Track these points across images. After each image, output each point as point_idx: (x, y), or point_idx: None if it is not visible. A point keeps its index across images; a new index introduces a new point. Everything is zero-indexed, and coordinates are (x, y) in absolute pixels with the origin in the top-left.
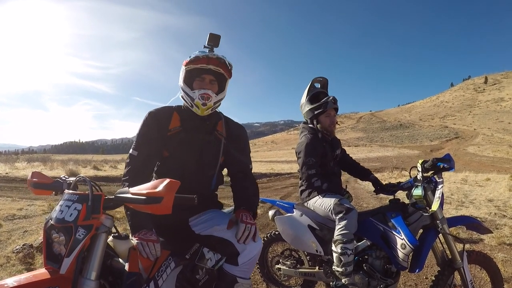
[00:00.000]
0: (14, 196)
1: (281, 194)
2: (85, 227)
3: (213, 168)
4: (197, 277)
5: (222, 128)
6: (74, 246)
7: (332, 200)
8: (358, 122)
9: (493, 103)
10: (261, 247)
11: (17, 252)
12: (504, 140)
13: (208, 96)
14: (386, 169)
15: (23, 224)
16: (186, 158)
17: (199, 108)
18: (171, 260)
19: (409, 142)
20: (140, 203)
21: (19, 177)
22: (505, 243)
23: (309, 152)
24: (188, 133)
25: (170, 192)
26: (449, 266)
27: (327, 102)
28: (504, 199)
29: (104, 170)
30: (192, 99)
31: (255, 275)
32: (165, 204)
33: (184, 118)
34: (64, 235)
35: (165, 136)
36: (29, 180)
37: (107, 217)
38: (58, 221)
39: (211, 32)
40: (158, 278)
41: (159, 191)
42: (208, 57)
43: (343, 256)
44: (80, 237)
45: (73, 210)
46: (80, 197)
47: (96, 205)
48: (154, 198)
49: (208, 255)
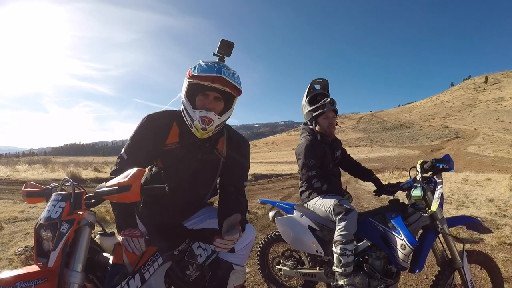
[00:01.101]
0: (15, 199)
1: (281, 195)
2: (68, 221)
3: (208, 187)
4: (187, 273)
5: (222, 146)
6: (59, 240)
7: (332, 201)
8: (359, 123)
9: (493, 102)
10: (254, 234)
11: (19, 254)
12: (504, 140)
13: (209, 120)
14: (387, 170)
15: (25, 226)
16: (180, 177)
17: (198, 131)
18: (158, 256)
19: (410, 142)
20: (113, 193)
21: (20, 180)
22: (506, 243)
23: (309, 154)
24: (186, 150)
25: (137, 179)
26: (449, 266)
27: (324, 104)
28: (505, 198)
29: (105, 172)
30: (192, 120)
31: (256, 275)
32: (133, 191)
33: (183, 133)
34: (51, 231)
35: (161, 149)
36: (22, 191)
37: (90, 213)
38: (46, 219)
39: (224, 39)
40: (145, 272)
41: (127, 180)
42: (213, 76)
43: (343, 256)
44: (64, 230)
45: (58, 208)
46: (64, 196)
47: (78, 202)
48: (124, 187)
49: (198, 251)
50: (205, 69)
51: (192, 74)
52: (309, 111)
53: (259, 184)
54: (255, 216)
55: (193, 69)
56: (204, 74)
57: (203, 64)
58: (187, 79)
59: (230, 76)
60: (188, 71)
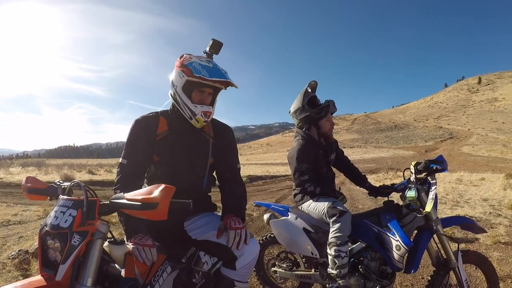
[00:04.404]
0: (9, 202)
1: (276, 197)
2: (80, 233)
3: (203, 168)
4: (193, 281)
5: (209, 129)
6: (70, 253)
7: (326, 204)
8: (353, 124)
9: (487, 103)
10: (258, 251)
11: (12, 258)
12: (498, 140)
13: (209, 113)
14: (381, 170)
15: (18, 229)
16: (176, 160)
17: (198, 122)
18: (167, 265)
19: (404, 143)
20: (136, 209)
21: (13, 182)
22: (500, 242)
23: (301, 158)
24: (177, 135)
25: (166, 198)
26: (444, 266)
27: (328, 106)
28: (499, 198)
29: (99, 175)
30: (194, 114)
31: (251, 277)
32: (160, 210)
33: (171, 122)
34: (60, 241)
35: (153, 141)
36: (23, 185)
37: (103, 223)
38: (53, 228)
39: (214, 39)
40: (155, 283)
41: (155, 197)
42: (222, 81)
43: (337, 258)
44: (75, 243)
45: (68, 216)
46: (75, 202)
47: (91, 211)
48: (150, 204)
49: (204, 259)
50: (212, 72)
51: (200, 76)
52: (309, 114)
53: (254, 186)
54: (250, 218)
55: (191, 67)
56: (216, 79)
57: (198, 62)
58: (187, 77)
59: (229, 77)
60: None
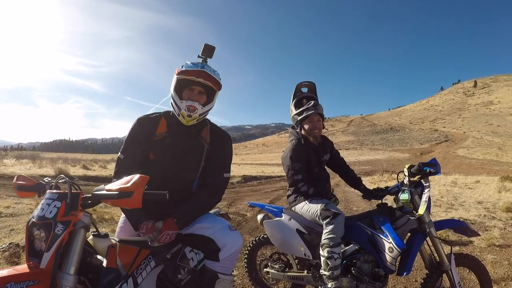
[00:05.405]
0: (1, 194)
1: (271, 197)
2: (63, 223)
3: (194, 172)
4: (179, 277)
5: (206, 134)
6: (53, 241)
7: (319, 205)
8: (349, 126)
9: (482, 106)
10: (241, 243)
11: (3, 250)
12: (493, 143)
13: (194, 108)
14: (377, 172)
15: (10, 222)
16: (168, 161)
17: (184, 118)
18: (151, 259)
19: (400, 145)
20: (114, 198)
21: (7, 174)
22: (495, 245)
23: (295, 158)
24: (173, 137)
25: (139, 186)
26: (437, 268)
27: (308, 107)
28: (494, 201)
29: (93, 170)
30: (179, 108)
31: (243, 278)
32: (135, 198)
33: (171, 124)
34: (45, 231)
35: (151, 140)
36: (14, 183)
37: (86, 214)
38: (39, 218)
39: (206, 43)
40: (137, 275)
41: (129, 186)
42: (198, 71)
43: (330, 260)
44: (59, 232)
45: (53, 208)
46: (60, 195)
47: (74, 203)
48: (125, 193)
49: (190, 255)
50: (191, 66)
51: (180, 70)
52: (295, 115)
53: (248, 186)
54: (243, 218)
55: (181, 67)
56: (190, 69)
57: (189, 63)
58: (175, 76)
59: (212, 72)
60: (176, 70)
